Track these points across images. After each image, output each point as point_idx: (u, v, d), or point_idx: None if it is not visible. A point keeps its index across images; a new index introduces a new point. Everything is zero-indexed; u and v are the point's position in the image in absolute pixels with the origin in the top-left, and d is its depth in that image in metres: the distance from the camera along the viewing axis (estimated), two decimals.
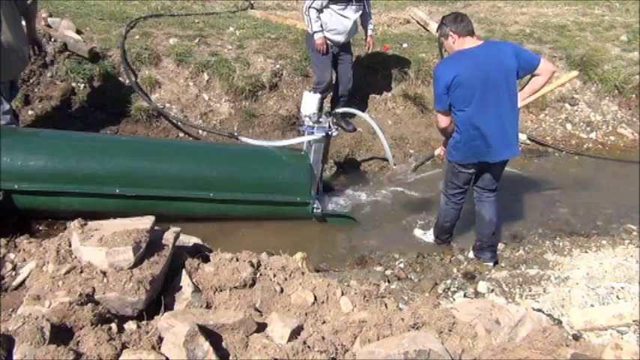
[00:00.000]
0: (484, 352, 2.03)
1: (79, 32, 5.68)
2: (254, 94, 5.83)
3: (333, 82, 5.68)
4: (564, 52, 7.30)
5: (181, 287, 2.24)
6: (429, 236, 4.43)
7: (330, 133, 4.42)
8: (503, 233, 4.61)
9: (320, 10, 5.19)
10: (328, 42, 5.35)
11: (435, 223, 4.36)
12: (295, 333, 2.04)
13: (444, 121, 3.69)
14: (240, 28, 6.66)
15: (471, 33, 3.57)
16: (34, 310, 1.90)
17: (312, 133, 4.35)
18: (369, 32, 5.59)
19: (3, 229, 3.10)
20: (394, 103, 6.38)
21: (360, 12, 5.34)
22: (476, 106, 3.52)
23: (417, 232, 4.55)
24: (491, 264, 4.01)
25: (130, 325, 2.01)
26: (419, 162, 4.66)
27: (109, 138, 4.82)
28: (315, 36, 5.28)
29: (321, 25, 5.25)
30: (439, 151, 4.19)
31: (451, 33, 3.54)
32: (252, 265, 2.40)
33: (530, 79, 3.72)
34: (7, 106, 4.16)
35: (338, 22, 5.24)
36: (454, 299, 3.48)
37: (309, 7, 5.18)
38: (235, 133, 5.24)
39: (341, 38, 5.34)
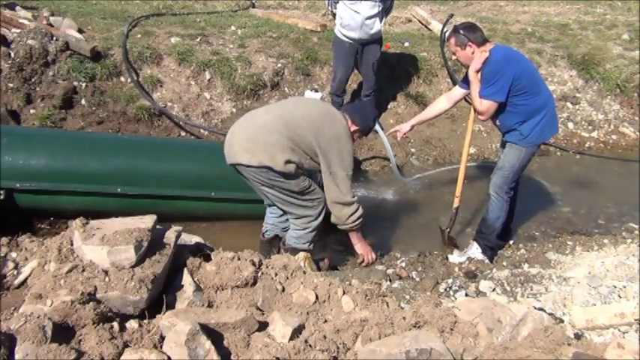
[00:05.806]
0: (486, 351, 2.03)
1: (80, 31, 5.68)
2: (255, 93, 5.83)
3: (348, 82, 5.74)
4: (566, 50, 7.29)
5: (183, 286, 2.23)
6: (475, 253, 4.10)
7: None
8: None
9: (335, 3, 5.29)
10: (346, 39, 5.34)
11: (483, 236, 4.11)
12: (297, 332, 2.04)
13: (490, 113, 3.68)
14: (242, 27, 6.66)
15: (487, 39, 3.72)
16: (35, 309, 1.90)
17: None
18: None
19: (5, 227, 3.10)
20: (395, 102, 6.37)
21: (378, 9, 5.20)
22: (540, 92, 3.74)
23: (454, 258, 4.11)
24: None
25: (132, 324, 2.01)
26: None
27: (111, 137, 4.81)
28: None
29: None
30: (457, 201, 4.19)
31: (470, 43, 3.62)
32: (253, 264, 2.40)
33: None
34: None
35: (350, 17, 5.21)
36: (456, 298, 3.46)
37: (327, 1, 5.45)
38: None
39: (355, 34, 5.27)
